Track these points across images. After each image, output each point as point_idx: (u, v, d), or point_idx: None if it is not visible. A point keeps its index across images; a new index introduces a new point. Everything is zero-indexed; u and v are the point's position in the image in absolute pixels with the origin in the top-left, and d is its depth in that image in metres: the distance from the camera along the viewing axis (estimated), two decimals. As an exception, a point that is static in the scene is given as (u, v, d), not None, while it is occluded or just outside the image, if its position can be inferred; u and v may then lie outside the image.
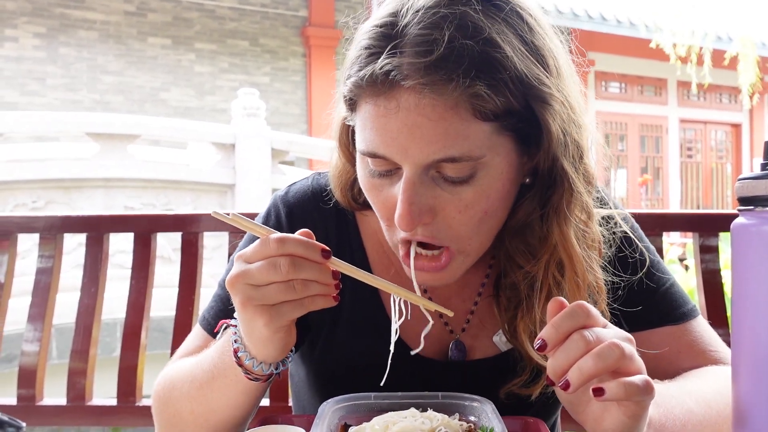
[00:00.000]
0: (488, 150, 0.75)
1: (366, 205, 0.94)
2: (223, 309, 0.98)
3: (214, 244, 4.88)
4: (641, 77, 12.88)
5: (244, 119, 6.38)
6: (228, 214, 0.77)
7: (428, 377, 0.94)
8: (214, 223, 1.83)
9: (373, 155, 0.78)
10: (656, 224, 1.71)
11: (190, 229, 1.83)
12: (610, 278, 0.91)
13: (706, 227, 1.76)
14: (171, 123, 6.68)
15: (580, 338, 0.66)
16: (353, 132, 0.85)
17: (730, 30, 11.54)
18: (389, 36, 0.74)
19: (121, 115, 7.51)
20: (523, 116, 0.76)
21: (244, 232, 1.75)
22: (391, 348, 0.80)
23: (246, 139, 6.12)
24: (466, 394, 0.80)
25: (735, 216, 0.67)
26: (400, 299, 0.80)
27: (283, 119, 10.28)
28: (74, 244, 4.07)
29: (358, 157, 0.83)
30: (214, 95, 10.18)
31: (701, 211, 1.99)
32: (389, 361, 0.81)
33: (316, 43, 10.63)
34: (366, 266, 0.97)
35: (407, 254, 0.82)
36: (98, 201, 5.48)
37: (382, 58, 0.73)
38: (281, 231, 0.94)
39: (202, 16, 10.17)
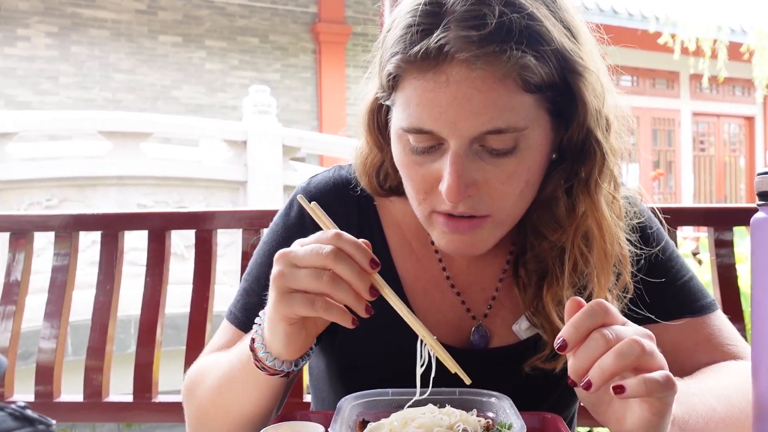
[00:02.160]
0: (530, 122, 0.78)
1: (392, 191, 0.96)
2: (249, 302, 1.00)
3: (226, 241, 4.89)
4: (653, 70, 12.78)
5: (255, 116, 6.40)
6: (310, 202, 0.82)
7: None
8: (228, 221, 1.84)
9: (418, 131, 0.79)
10: (670, 218, 1.70)
11: (203, 227, 1.83)
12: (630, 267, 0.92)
13: (721, 221, 1.74)
14: (182, 120, 6.71)
15: (601, 337, 0.66)
16: (384, 115, 0.88)
17: (744, 22, 11.43)
18: (437, 13, 0.76)
19: (132, 113, 7.53)
20: (560, 89, 0.79)
21: (256, 230, 1.77)
22: (417, 392, 0.79)
23: (257, 136, 6.13)
24: (484, 390, 0.80)
25: (750, 210, 0.67)
26: (425, 346, 0.77)
27: (294, 116, 10.29)
28: (88, 242, 4.10)
29: (396, 135, 0.84)
30: (225, 92, 10.20)
31: (716, 205, 1.97)
32: (418, 385, 0.79)
33: (326, 39, 10.61)
34: (387, 255, 0.98)
35: (445, 221, 0.82)
36: (112, 199, 5.51)
37: (437, 32, 0.75)
38: (304, 219, 0.98)
39: (212, 14, 10.19)
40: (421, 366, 0.77)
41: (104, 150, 5.59)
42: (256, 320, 0.83)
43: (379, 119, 0.91)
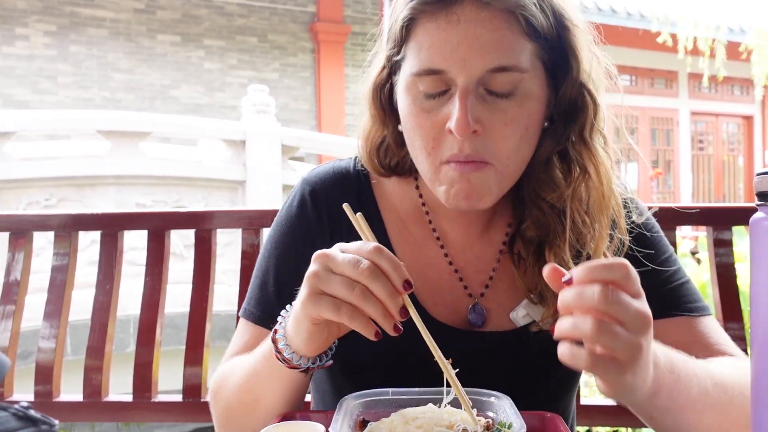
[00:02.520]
0: (530, 68, 0.85)
1: (392, 170, 1.01)
2: (263, 295, 1.03)
3: (225, 241, 4.89)
4: (652, 70, 12.78)
5: (254, 116, 6.38)
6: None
7: (450, 347, 0.94)
8: (227, 220, 1.85)
9: (429, 72, 0.85)
10: (669, 218, 1.70)
11: (203, 226, 1.83)
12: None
13: (720, 221, 1.74)
14: (181, 120, 6.69)
15: (599, 291, 0.63)
16: (388, 91, 0.95)
17: (743, 21, 11.44)
18: None
19: (131, 112, 7.53)
20: (555, 46, 0.87)
21: (255, 229, 1.77)
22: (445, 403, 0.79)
23: (256, 136, 6.12)
24: (484, 389, 0.81)
25: (749, 209, 0.67)
26: (449, 376, 0.76)
27: (293, 115, 10.28)
28: (87, 242, 4.09)
29: (405, 88, 0.89)
30: (224, 92, 10.20)
31: (715, 204, 1.97)
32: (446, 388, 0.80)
33: (325, 39, 10.61)
34: (385, 237, 1.02)
35: (454, 165, 0.86)
36: (110, 198, 5.50)
37: None
38: (306, 207, 1.03)
39: (211, 13, 10.18)
40: (448, 396, 0.77)
41: (103, 149, 5.58)
42: (283, 313, 0.86)
43: (382, 95, 0.97)
